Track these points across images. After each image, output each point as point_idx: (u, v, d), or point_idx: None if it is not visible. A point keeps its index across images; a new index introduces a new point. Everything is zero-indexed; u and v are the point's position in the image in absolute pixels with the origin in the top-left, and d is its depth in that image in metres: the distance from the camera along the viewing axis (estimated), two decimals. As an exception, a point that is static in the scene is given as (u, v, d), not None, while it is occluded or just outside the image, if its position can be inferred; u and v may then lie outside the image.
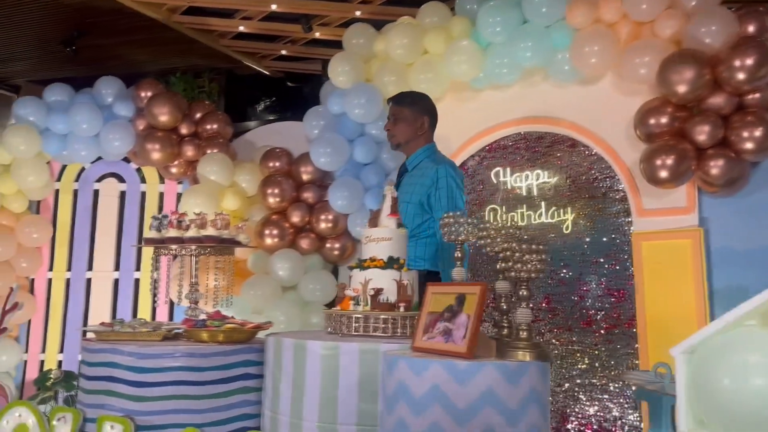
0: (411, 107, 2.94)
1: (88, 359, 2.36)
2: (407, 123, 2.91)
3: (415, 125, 2.91)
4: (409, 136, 2.91)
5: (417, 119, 2.92)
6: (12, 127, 4.18)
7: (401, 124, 2.91)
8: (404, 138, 2.91)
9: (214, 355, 2.30)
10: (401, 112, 2.92)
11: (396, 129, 2.91)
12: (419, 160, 2.89)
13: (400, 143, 2.94)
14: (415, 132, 2.91)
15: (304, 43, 5.17)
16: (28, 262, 4.36)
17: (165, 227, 2.64)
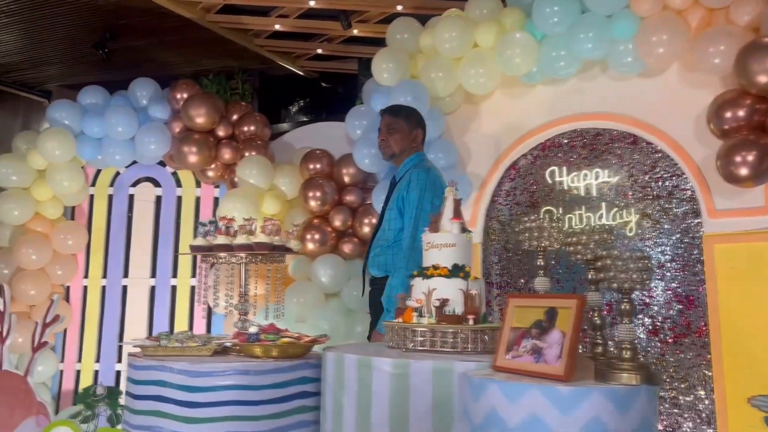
0: (406, 120, 2.98)
1: (134, 377, 2.21)
2: (402, 135, 2.95)
3: (410, 137, 2.96)
4: (403, 147, 2.95)
5: (412, 131, 2.97)
6: (47, 131, 4.08)
7: (396, 135, 2.94)
8: (399, 149, 2.94)
9: (270, 373, 2.13)
10: (397, 123, 2.95)
11: (392, 140, 2.94)
12: (406, 169, 2.90)
13: (394, 154, 2.96)
14: (409, 144, 2.95)
15: (340, 41, 5.01)
16: (63, 269, 4.26)
17: (213, 234, 2.48)
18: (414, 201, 2.75)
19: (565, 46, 3.29)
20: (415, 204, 2.74)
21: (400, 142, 2.94)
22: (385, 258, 2.82)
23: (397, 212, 2.81)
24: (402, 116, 2.97)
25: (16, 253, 4.07)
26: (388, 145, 2.95)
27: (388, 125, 2.96)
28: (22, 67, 6.14)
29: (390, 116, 2.97)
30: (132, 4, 4.62)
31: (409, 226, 2.73)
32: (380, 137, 2.97)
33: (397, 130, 2.94)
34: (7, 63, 6.02)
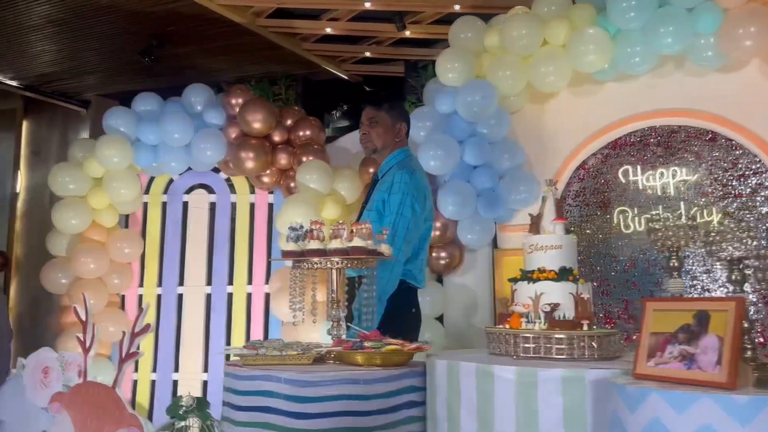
0: (389, 112, 2.81)
1: (235, 387, 2.13)
2: (385, 128, 2.79)
3: (393, 131, 2.80)
4: (386, 142, 2.79)
5: (395, 124, 2.81)
6: (104, 138, 4.04)
7: (378, 129, 2.78)
8: (381, 143, 2.79)
9: (379, 381, 2.05)
10: (378, 116, 2.79)
11: (374, 133, 2.78)
12: (389, 166, 2.77)
13: (377, 149, 2.81)
14: (393, 138, 2.80)
15: (389, 43, 4.94)
16: (120, 278, 4.21)
17: (303, 239, 2.41)
18: (395, 206, 2.62)
19: (642, 42, 3.21)
20: (396, 209, 2.61)
21: (382, 135, 2.79)
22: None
23: (377, 214, 2.67)
24: (384, 108, 2.81)
25: (74, 263, 4.03)
26: (369, 140, 2.80)
27: (370, 118, 2.80)
28: (63, 77, 6.12)
29: (372, 109, 2.80)
30: (182, 11, 4.57)
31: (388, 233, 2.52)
32: (362, 131, 2.81)
33: (379, 123, 2.78)
34: (48, 73, 6.01)
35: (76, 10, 4.63)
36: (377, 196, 2.70)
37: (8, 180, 6.99)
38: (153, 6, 4.51)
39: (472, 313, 3.91)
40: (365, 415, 2.02)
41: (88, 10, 4.66)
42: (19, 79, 6.21)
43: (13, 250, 6.62)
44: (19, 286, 6.77)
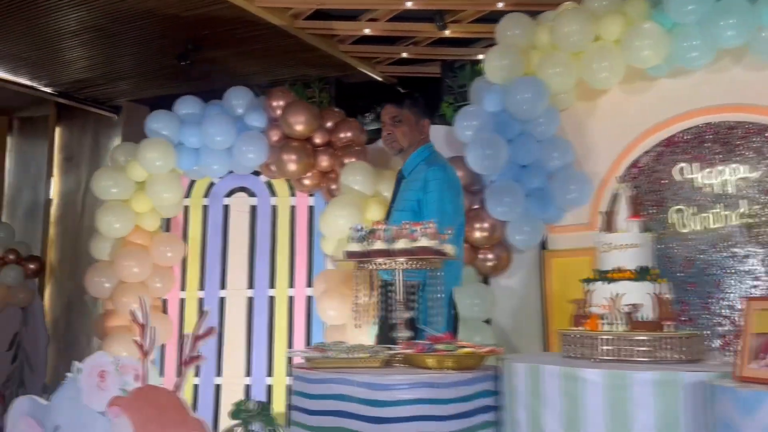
0: (411, 109, 2.80)
1: (306, 390, 2.09)
2: (410, 126, 2.77)
3: (418, 128, 2.78)
4: (411, 140, 2.77)
5: (419, 121, 2.78)
6: (147, 141, 4.03)
7: (403, 127, 2.76)
8: (407, 142, 2.76)
9: (456, 385, 2.00)
10: (402, 114, 2.77)
11: (398, 132, 2.76)
12: (415, 164, 2.74)
13: (403, 148, 2.77)
14: (418, 135, 2.78)
15: (427, 43, 4.90)
16: (161, 282, 4.19)
17: (367, 239, 2.37)
18: (434, 202, 2.57)
19: (700, 35, 3.13)
20: (436, 206, 2.56)
21: (408, 134, 2.76)
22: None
23: (411, 214, 2.61)
24: (406, 106, 2.79)
25: (117, 266, 4.02)
26: (395, 139, 2.77)
27: (392, 117, 2.77)
28: (96, 83, 6.15)
29: (394, 107, 2.78)
30: (219, 14, 4.56)
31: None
32: (386, 131, 2.78)
33: (403, 121, 2.76)
34: (82, 79, 6.04)
35: (114, 16, 4.63)
36: (409, 195, 2.65)
37: (42, 186, 7.05)
38: (190, 10, 4.51)
39: (520, 316, 3.84)
40: (442, 419, 1.97)
41: (125, 15, 4.67)
42: (53, 86, 6.25)
43: (47, 256, 6.66)
44: (54, 290, 6.82)
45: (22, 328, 5.71)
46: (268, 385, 4.21)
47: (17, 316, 5.67)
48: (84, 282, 6.46)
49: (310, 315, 4.28)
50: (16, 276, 5.47)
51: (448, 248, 2.36)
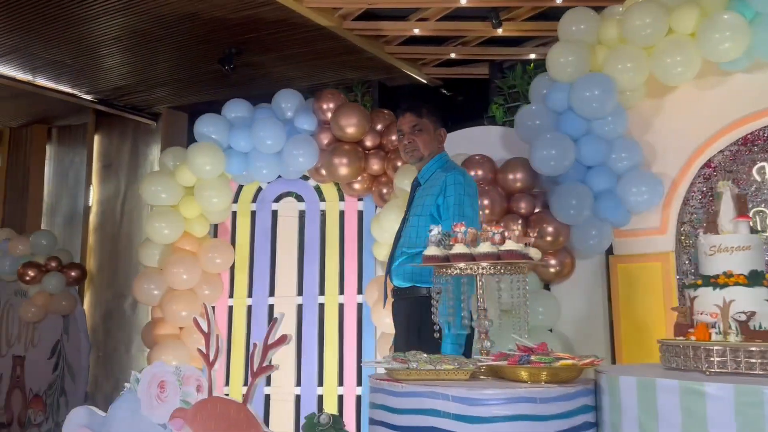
0: (429, 117, 2.80)
1: (393, 404, 1.95)
2: (429, 135, 2.78)
3: (436, 136, 2.81)
4: (431, 148, 2.78)
5: (437, 130, 2.81)
6: (196, 146, 3.95)
7: (424, 136, 2.76)
8: (428, 150, 2.77)
9: (555, 401, 1.84)
10: (421, 123, 2.77)
11: (419, 141, 2.75)
12: (432, 171, 2.76)
13: (423, 156, 2.77)
14: (437, 144, 2.80)
15: (476, 43, 4.76)
16: (210, 288, 4.10)
17: (446, 243, 2.23)
18: (454, 206, 2.58)
19: (786, 26, 2.95)
20: (456, 210, 2.57)
21: (428, 143, 2.76)
22: (413, 267, 2.60)
23: (430, 219, 2.62)
24: (425, 115, 2.79)
25: (166, 273, 3.93)
26: (416, 148, 2.75)
27: (413, 126, 2.76)
28: (136, 90, 6.13)
29: (413, 115, 2.77)
30: (265, 16, 4.48)
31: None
32: (405, 139, 2.77)
33: (423, 130, 2.75)
34: (121, 86, 6.02)
35: (155, 21, 4.58)
36: (428, 201, 2.66)
37: (80, 194, 7.06)
38: (235, 12, 4.43)
39: (583, 324, 3.66)
40: (543, 437, 1.81)
41: (166, 20, 4.61)
42: (94, 93, 6.25)
43: (86, 263, 6.65)
44: (92, 298, 6.80)
45: (64, 336, 5.67)
46: (318, 395, 4.09)
47: (59, 324, 5.64)
48: (123, 289, 6.50)
49: (361, 322, 4.15)
50: (58, 284, 5.44)
51: (533, 252, 2.21)
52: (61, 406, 5.48)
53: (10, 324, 5.83)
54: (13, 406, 5.73)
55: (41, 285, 5.39)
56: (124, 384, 2.77)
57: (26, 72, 5.70)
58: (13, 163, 7.46)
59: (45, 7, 4.38)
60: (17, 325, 5.74)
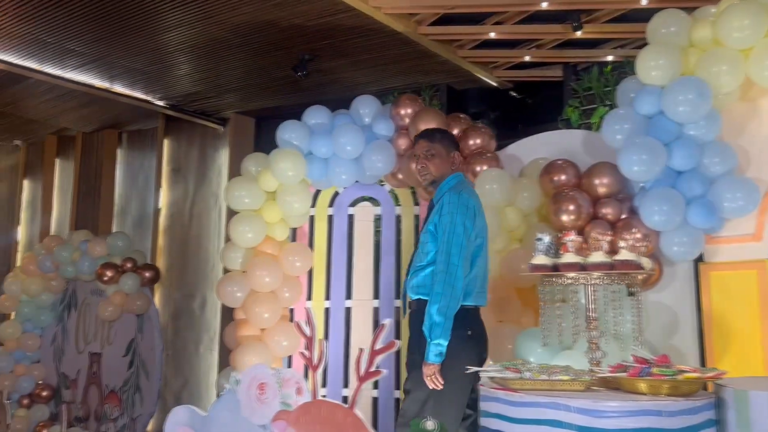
0: (442, 142, 2.96)
1: (512, 414, 1.96)
2: (441, 159, 2.93)
3: (449, 160, 2.95)
4: (443, 171, 2.93)
5: (449, 154, 2.96)
6: (279, 152, 4.03)
7: (436, 161, 2.92)
8: (439, 174, 2.92)
9: (681, 414, 1.82)
10: (434, 148, 2.93)
11: (431, 165, 2.91)
12: (442, 193, 2.90)
13: (435, 180, 2.93)
14: (449, 167, 2.94)
15: (552, 46, 4.71)
16: (290, 291, 4.18)
17: (553, 251, 2.22)
18: (446, 224, 2.73)
19: None
20: (448, 228, 2.72)
21: (440, 166, 2.92)
22: (418, 280, 2.81)
23: (431, 235, 2.80)
24: (437, 140, 2.95)
25: (250, 276, 4.03)
26: (428, 172, 2.92)
27: (426, 151, 2.92)
28: (206, 96, 6.29)
29: (426, 141, 2.94)
30: (341, 23, 4.54)
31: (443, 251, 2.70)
32: (419, 164, 2.94)
33: (435, 155, 2.91)
34: (193, 92, 6.19)
35: (234, 28, 4.69)
36: (431, 219, 2.85)
37: (150, 197, 7.28)
38: (314, 19, 4.50)
39: (671, 333, 3.58)
40: (669, 451, 1.78)
41: (245, 27, 4.71)
42: (165, 99, 6.44)
43: (156, 264, 6.85)
44: (162, 298, 7.01)
45: (138, 335, 5.86)
46: (395, 399, 4.12)
47: (133, 323, 5.82)
48: (192, 289, 6.67)
49: (438, 326, 4.14)
50: (134, 284, 5.62)
51: (645, 262, 2.17)
52: (135, 403, 5.65)
53: (87, 322, 6.05)
54: (90, 401, 5.95)
55: (118, 285, 5.57)
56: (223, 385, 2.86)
57: (104, 79, 5.93)
58: (85, 167, 7.75)
59: (129, 18, 4.55)
60: (94, 324, 5.95)
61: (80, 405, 5.99)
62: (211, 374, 6.43)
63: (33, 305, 6.06)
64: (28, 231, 8.28)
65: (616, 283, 2.13)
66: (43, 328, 6.19)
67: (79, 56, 5.26)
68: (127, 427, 5.53)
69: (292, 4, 4.21)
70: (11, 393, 5.88)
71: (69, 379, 6.01)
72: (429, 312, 2.65)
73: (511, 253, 3.68)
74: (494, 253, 3.79)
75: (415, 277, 2.83)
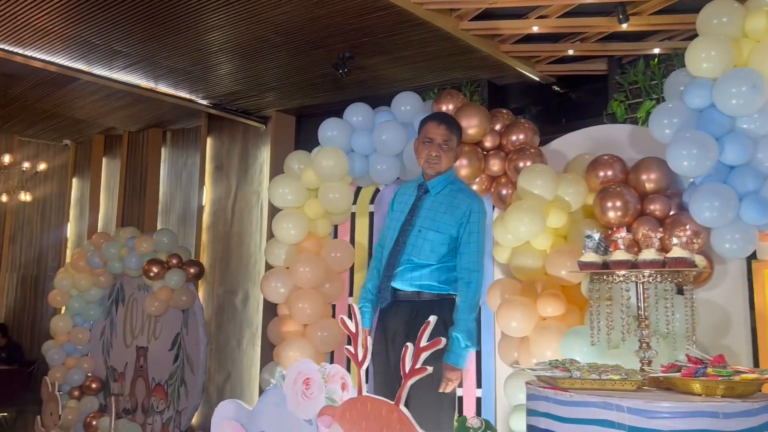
0: (458, 135, 2.93)
1: (561, 413, 1.93)
2: (453, 153, 2.90)
3: (456, 154, 2.93)
4: (450, 164, 2.90)
5: (458, 147, 2.96)
6: (322, 150, 4.07)
7: (450, 154, 2.87)
8: (447, 166, 2.88)
9: (739, 416, 1.77)
10: (451, 140, 2.86)
11: (445, 157, 2.84)
12: (444, 185, 2.86)
13: (442, 172, 2.88)
14: (454, 160, 2.95)
15: (596, 39, 4.62)
16: (332, 287, 4.21)
17: (603, 249, 2.19)
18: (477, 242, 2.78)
19: None
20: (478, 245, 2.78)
21: (451, 161, 2.88)
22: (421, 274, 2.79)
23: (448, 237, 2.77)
24: (455, 131, 2.88)
25: (293, 272, 4.07)
26: (439, 162, 2.83)
27: (445, 141, 2.83)
28: (248, 95, 6.37)
29: (446, 129, 2.84)
30: (381, 20, 4.53)
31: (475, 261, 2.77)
32: (433, 151, 2.83)
33: (450, 148, 2.86)
34: (234, 91, 6.28)
35: (276, 27, 4.73)
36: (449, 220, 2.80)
37: (193, 194, 7.43)
38: (355, 17, 4.51)
39: (722, 333, 3.47)
40: (727, 454, 1.73)
41: (286, 26, 4.75)
42: (208, 98, 6.56)
43: (200, 260, 6.99)
44: (205, 294, 7.15)
45: (183, 330, 5.98)
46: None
47: (179, 318, 5.95)
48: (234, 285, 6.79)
49: (479, 325, 4.12)
50: (179, 280, 5.74)
51: (698, 259, 2.12)
52: (181, 396, 5.78)
53: (134, 317, 6.21)
54: (137, 393, 6.11)
55: (163, 281, 5.70)
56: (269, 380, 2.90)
57: (150, 80, 6.07)
58: (131, 165, 7.96)
59: (173, 19, 4.64)
60: (141, 318, 6.11)
61: (128, 397, 6.15)
62: (253, 369, 6.53)
63: (82, 300, 6.26)
64: (77, 228, 8.56)
65: (668, 281, 2.08)
66: (92, 322, 6.39)
67: (126, 57, 5.40)
68: (172, 420, 5.67)
69: (332, 2, 4.24)
70: (62, 385, 6.08)
71: (117, 372, 6.19)
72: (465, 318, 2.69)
73: (556, 251, 3.63)
74: (539, 250, 3.75)
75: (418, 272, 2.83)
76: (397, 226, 2.97)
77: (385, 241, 3.01)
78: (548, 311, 3.49)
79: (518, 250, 3.79)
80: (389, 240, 2.98)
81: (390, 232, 3.00)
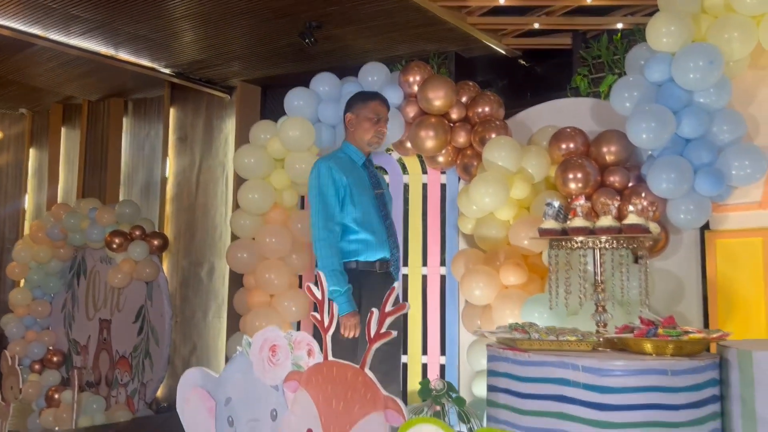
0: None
1: (519, 373, 2.01)
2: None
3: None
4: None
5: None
6: (288, 119, 4.04)
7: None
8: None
9: (686, 373, 1.87)
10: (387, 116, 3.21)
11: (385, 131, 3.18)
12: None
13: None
14: None
15: (562, 13, 4.67)
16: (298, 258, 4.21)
17: (562, 216, 2.25)
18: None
19: None
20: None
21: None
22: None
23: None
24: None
25: (259, 243, 4.07)
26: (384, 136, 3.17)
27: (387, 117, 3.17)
28: (212, 64, 6.25)
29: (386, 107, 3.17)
30: (348, -11, 4.49)
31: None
32: (384, 129, 3.14)
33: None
34: (198, 60, 6.15)
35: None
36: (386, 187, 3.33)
37: (157, 165, 7.30)
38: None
39: (676, 301, 3.62)
40: (672, 409, 1.84)
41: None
42: (171, 67, 6.41)
43: (164, 232, 6.91)
44: (169, 266, 7.08)
45: (147, 302, 5.93)
46: (403, 363, 4.18)
47: (143, 290, 5.89)
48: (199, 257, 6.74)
49: (444, 294, 4.21)
50: (142, 251, 5.67)
51: (653, 227, 2.20)
52: (145, 368, 5.75)
53: (96, 289, 6.12)
54: (101, 366, 6.05)
55: (127, 253, 5.62)
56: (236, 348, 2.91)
57: (109, 46, 5.89)
58: (91, 136, 7.76)
59: (132, -17, 4.51)
60: (103, 291, 6.02)
61: (91, 370, 6.10)
62: (219, 340, 6.53)
63: (42, 272, 6.13)
64: (35, 199, 8.33)
65: (624, 247, 2.16)
66: (52, 295, 6.27)
67: (84, 22, 5.22)
68: (137, 392, 5.64)
69: (299, -30, 4.18)
70: (23, 358, 5.98)
71: (79, 345, 6.12)
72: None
73: (519, 222, 3.71)
74: (502, 221, 3.82)
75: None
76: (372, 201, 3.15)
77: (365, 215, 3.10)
78: (510, 280, 3.58)
79: (482, 221, 3.86)
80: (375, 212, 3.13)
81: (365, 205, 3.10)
